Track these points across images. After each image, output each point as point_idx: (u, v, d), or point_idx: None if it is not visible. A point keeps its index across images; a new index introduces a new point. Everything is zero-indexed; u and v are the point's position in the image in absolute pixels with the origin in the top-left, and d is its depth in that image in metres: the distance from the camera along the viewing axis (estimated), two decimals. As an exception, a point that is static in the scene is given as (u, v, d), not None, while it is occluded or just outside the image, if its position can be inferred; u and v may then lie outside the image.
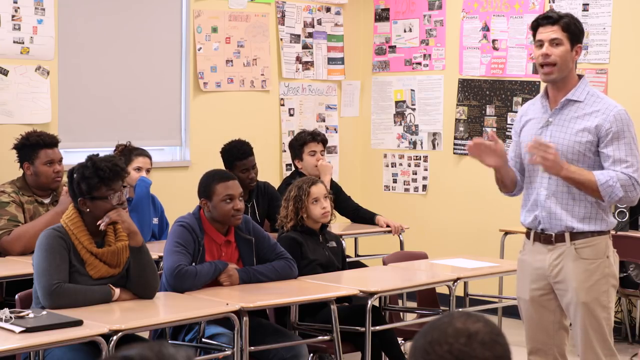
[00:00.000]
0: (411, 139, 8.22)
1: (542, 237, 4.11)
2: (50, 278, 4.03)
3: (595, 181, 3.95)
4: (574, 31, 4.05)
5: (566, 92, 4.08)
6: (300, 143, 6.71)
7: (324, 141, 6.79)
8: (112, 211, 4.17)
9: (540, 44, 4.08)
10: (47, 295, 4.01)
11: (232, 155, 6.29)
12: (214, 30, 7.48)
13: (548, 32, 4.06)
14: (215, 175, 4.82)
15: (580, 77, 4.13)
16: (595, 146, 4.02)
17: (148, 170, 6.04)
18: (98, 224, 4.16)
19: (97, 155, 4.28)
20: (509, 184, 4.26)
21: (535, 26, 4.13)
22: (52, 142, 5.51)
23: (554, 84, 4.10)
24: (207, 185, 4.77)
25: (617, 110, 4.01)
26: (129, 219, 4.24)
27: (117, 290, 4.19)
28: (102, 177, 4.14)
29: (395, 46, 8.32)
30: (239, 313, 4.22)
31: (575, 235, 4.04)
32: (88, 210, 4.18)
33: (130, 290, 4.26)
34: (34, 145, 5.46)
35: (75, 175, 4.20)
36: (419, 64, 8.16)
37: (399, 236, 6.70)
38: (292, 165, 6.87)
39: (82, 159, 4.29)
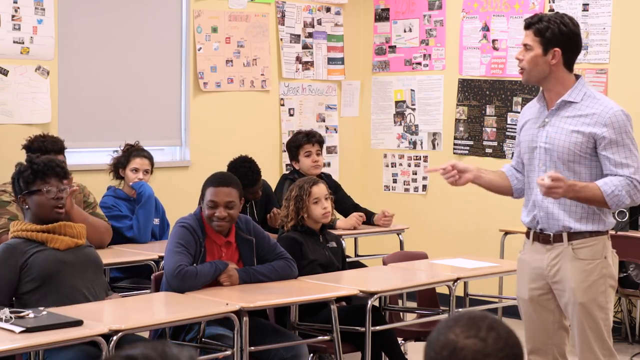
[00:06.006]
0: (411, 139, 8.22)
1: (540, 236, 4.11)
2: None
3: (601, 194, 3.92)
4: (548, 36, 4.01)
5: (557, 93, 4.07)
6: (295, 145, 6.68)
7: (319, 142, 6.75)
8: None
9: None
10: None
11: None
12: (214, 30, 7.48)
13: (524, 37, 4.09)
14: (213, 179, 4.81)
15: (577, 77, 4.12)
16: (590, 147, 3.99)
17: (147, 172, 6.03)
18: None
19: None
20: (499, 191, 4.29)
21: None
22: (53, 149, 5.54)
23: (545, 85, 4.10)
24: (203, 187, 4.79)
25: (612, 113, 3.96)
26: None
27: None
28: (35, 170, 4.29)
29: (395, 46, 8.31)
30: (239, 313, 4.22)
31: (573, 235, 4.03)
32: (27, 207, 4.30)
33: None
34: (35, 151, 5.48)
35: (14, 174, 4.38)
36: (419, 64, 8.16)
37: (399, 236, 6.70)
38: (290, 165, 6.86)
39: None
